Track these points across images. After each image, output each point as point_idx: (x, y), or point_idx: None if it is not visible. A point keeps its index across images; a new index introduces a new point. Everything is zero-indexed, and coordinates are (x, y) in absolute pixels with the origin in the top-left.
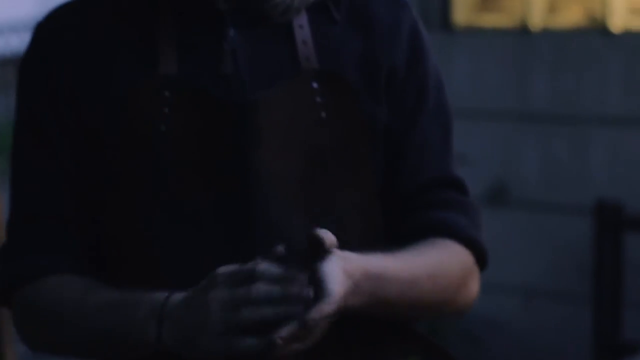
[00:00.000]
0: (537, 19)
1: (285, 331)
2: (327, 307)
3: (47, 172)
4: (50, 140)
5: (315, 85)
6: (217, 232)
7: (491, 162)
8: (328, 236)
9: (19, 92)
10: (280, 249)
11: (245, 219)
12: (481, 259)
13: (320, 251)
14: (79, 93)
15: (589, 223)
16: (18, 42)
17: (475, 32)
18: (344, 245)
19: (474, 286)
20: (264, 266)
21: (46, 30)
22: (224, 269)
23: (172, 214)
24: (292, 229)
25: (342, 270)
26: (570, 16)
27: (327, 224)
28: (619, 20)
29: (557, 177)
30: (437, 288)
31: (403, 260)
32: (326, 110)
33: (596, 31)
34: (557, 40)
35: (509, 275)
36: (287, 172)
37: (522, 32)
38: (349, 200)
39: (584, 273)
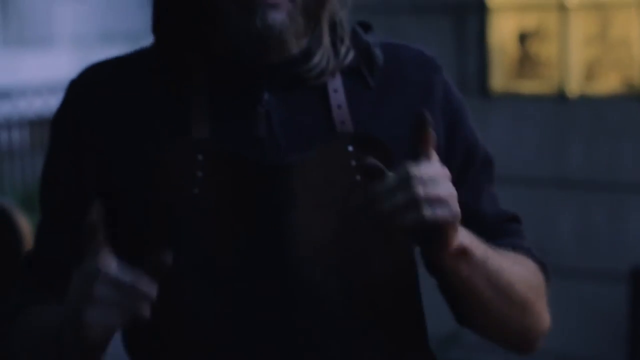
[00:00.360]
0: (575, 85)
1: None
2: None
3: (60, 227)
4: (69, 196)
5: (350, 148)
6: (251, 294)
7: (527, 228)
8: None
9: (48, 146)
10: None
11: (279, 281)
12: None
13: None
14: (109, 153)
15: (625, 290)
16: (56, 103)
17: (512, 98)
18: (377, 308)
19: (546, 307)
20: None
21: (78, 87)
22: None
23: (205, 276)
24: (326, 291)
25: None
26: (608, 83)
27: (361, 287)
28: None
29: (593, 243)
30: (524, 284)
31: (497, 251)
32: (361, 173)
33: (633, 98)
34: (594, 107)
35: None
36: (321, 235)
37: (560, 98)
38: (384, 263)
39: (618, 341)
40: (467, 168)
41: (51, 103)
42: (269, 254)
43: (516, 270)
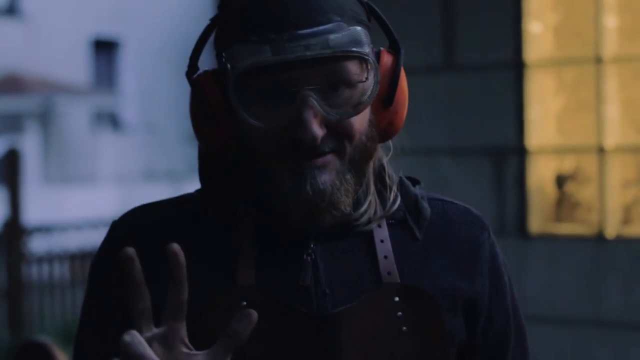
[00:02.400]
0: (612, 227)
1: None
2: None
3: None
4: (106, 340)
5: (397, 299)
6: None
7: None
8: None
9: (87, 285)
10: None
11: None
12: None
13: None
14: (151, 298)
15: None
16: (97, 239)
17: (550, 240)
18: None
19: None
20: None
21: (120, 230)
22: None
23: None
24: None
25: None
26: None
27: None
28: None
29: None
30: None
31: None
32: (407, 324)
33: None
34: (632, 249)
35: None
36: None
37: (598, 240)
38: None
39: None
40: (504, 336)
41: (92, 238)
42: None
43: None
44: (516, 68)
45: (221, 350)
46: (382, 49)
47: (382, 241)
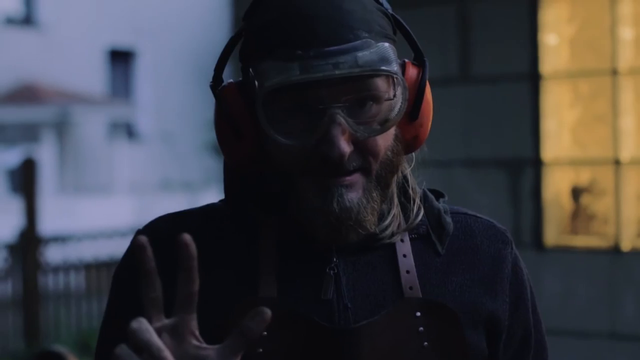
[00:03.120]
0: (627, 240)
1: None
2: None
3: None
4: None
5: (418, 314)
6: None
7: None
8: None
9: (110, 296)
10: None
11: None
12: None
13: None
14: (170, 306)
15: None
16: (113, 249)
17: (565, 252)
18: None
19: None
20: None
21: (145, 236)
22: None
23: None
24: None
25: None
26: None
27: None
28: None
29: None
30: None
31: None
32: (429, 339)
33: None
34: None
35: None
36: None
37: (614, 252)
38: None
39: None
40: (524, 353)
41: (107, 248)
42: None
43: None
44: (532, 80)
45: (233, 346)
46: (406, 61)
47: (404, 256)
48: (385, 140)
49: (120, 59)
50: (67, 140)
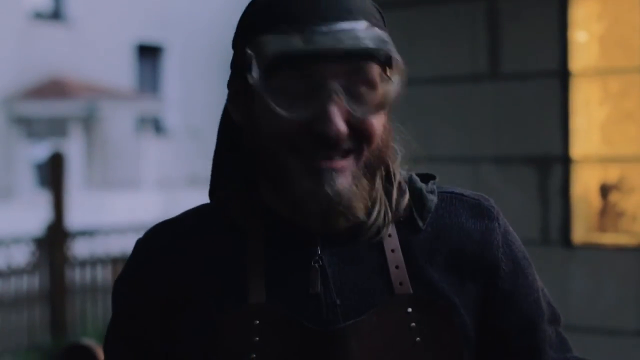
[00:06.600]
0: None
1: None
2: None
3: None
4: (129, 358)
5: (409, 310)
6: None
7: None
8: None
9: (112, 304)
10: None
11: None
12: None
13: None
14: (169, 316)
15: None
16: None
17: (594, 249)
18: None
19: None
20: None
21: (143, 250)
22: None
23: None
24: None
25: None
26: None
27: None
28: None
29: None
30: None
31: None
32: (421, 334)
33: None
34: None
35: None
36: None
37: None
38: None
39: None
40: (534, 318)
41: (134, 242)
42: None
43: None
44: (561, 77)
45: None
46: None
47: (392, 251)
48: (378, 128)
49: (149, 54)
50: (95, 134)
